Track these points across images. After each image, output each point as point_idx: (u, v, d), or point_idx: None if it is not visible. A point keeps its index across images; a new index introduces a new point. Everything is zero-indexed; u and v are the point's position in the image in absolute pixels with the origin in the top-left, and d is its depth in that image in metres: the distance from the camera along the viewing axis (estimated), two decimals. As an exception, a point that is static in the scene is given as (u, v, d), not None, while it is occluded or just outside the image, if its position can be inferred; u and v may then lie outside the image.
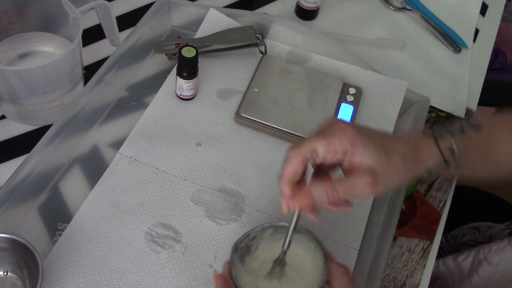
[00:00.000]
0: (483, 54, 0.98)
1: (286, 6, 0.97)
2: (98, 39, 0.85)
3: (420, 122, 0.77)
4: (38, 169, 0.64)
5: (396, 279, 0.69)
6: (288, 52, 0.84)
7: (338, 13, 0.98)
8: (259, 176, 0.70)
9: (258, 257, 0.57)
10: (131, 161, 0.70)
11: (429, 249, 0.72)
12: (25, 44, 0.78)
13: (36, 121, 0.75)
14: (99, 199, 0.66)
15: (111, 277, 0.60)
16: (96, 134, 0.73)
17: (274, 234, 0.58)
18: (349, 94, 0.79)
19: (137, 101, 0.77)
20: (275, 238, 0.58)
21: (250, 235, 0.57)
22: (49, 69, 0.67)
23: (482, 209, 1.06)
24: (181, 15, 0.86)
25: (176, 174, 0.69)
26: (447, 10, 1.02)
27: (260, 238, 0.58)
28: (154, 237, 0.64)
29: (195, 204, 0.67)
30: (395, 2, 1.01)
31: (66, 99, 0.73)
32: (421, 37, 0.97)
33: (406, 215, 0.74)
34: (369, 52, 0.92)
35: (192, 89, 0.75)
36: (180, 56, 0.71)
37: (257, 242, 0.58)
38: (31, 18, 0.76)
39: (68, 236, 0.63)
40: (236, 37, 0.80)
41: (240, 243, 0.56)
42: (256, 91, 0.76)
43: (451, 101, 0.88)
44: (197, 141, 0.73)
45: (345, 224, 0.68)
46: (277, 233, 0.58)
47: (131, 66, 0.79)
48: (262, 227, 0.58)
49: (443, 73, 0.92)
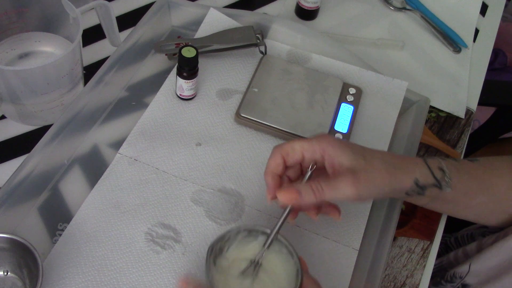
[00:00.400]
0: (483, 54, 0.98)
1: (286, 6, 0.97)
2: (98, 39, 0.85)
3: (420, 122, 0.77)
4: (38, 169, 0.64)
5: (396, 279, 0.69)
6: (288, 52, 0.84)
7: (338, 13, 0.98)
8: (259, 176, 0.70)
9: (228, 256, 0.59)
10: (131, 161, 0.70)
11: (429, 249, 0.72)
12: (25, 44, 0.78)
13: (36, 121, 0.75)
14: (99, 199, 0.66)
15: (111, 277, 0.60)
16: (96, 134, 0.73)
17: (247, 236, 0.59)
18: (349, 94, 0.79)
19: (137, 101, 0.77)
20: (248, 240, 0.59)
21: (225, 237, 0.58)
22: (49, 69, 0.67)
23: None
24: (181, 15, 0.86)
25: (176, 174, 0.69)
26: (447, 10, 1.02)
27: (233, 240, 0.59)
28: (154, 237, 0.64)
29: (195, 204, 0.67)
30: (395, 2, 1.01)
31: (66, 99, 0.73)
32: (421, 37, 0.97)
33: (406, 215, 0.74)
34: (369, 52, 0.92)
35: (192, 89, 0.75)
36: (180, 56, 0.71)
37: (229, 244, 0.59)
38: (31, 18, 0.76)
39: (68, 236, 0.63)
40: (236, 37, 0.80)
41: (215, 245, 0.57)
42: (256, 91, 0.76)
43: (451, 101, 0.88)
44: (197, 141, 0.73)
45: (345, 224, 0.68)
46: (250, 235, 0.59)
47: (131, 66, 0.79)
48: (238, 230, 0.59)
49: (443, 73, 0.92)
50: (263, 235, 0.59)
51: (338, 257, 0.66)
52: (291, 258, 0.58)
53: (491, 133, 1.33)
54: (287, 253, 0.58)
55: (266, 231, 0.59)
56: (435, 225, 0.74)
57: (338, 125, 0.75)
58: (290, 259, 0.58)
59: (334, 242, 0.66)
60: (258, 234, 0.59)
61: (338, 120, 0.76)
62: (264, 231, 0.59)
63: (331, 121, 0.75)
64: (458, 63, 0.94)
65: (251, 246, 0.59)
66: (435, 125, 0.85)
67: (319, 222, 0.68)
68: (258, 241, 0.59)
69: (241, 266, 0.58)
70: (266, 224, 0.67)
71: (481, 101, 0.91)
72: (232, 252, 0.59)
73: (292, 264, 0.58)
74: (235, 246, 0.59)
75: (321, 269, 0.64)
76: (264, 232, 0.59)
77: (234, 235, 0.59)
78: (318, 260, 0.65)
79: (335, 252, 0.66)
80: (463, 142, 0.84)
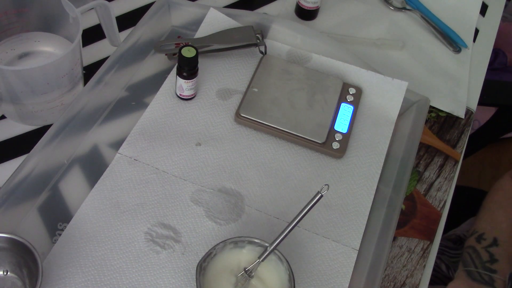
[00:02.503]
0: (483, 54, 0.98)
1: (286, 6, 0.97)
2: (98, 39, 0.85)
3: (420, 122, 0.77)
4: (38, 169, 0.64)
5: (396, 279, 0.69)
6: (288, 52, 0.84)
7: (338, 13, 0.98)
8: (259, 176, 0.70)
9: (215, 265, 0.60)
10: (131, 161, 0.70)
11: (429, 249, 0.72)
12: (25, 44, 0.78)
13: (36, 121, 0.75)
14: (99, 199, 0.66)
15: (111, 277, 0.60)
16: (96, 134, 0.73)
17: (233, 248, 0.61)
18: (349, 94, 0.79)
19: (137, 101, 0.77)
20: (235, 251, 0.60)
21: (212, 253, 0.59)
22: (49, 69, 0.67)
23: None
24: (181, 15, 0.86)
25: (176, 174, 0.69)
26: (447, 10, 1.02)
27: (220, 254, 0.60)
28: (154, 237, 0.64)
29: (195, 204, 0.67)
30: (395, 2, 1.01)
31: (66, 99, 0.73)
32: (421, 37, 0.97)
33: (406, 215, 0.74)
34: (369, 52, 0.92)
35: (192, 89, 0.75)
36: (180, 56, 0.71)
37: (217, 258, 0.60)
38: (31, 18, 0.76)
39: (68, 236, 0.63)
40: (236, 37, 0.80)
41: (203, 262, 0.58)
42: (256, 91, 0.76)
43: (451, 101, 0.88)
44: (197, 141, 0.73)
45: (345, 224, 0.68)
46: (236, 247, 0.61)
47: (131, 66, 0.79)
48: (224, 243, 0.60)
49: (443, 73, 0.92)
50: (250, 244, 0.60)
51: (338, 257, 0.66)
52: (281, 264, 0.59)
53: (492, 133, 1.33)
54: (276, 259, 0.60)
55: (252, 241, 0.60)
56: (435, 225, 0.74)
57: (338, 125, 0.75)
58: (280, 265, 0.59)
59: (334, 242, 0.66)
60: (245, 244, 0.60)
61: (338, 120, 0.76)
62: (250, 241, 0.60)
63: (331, 121, 0.75)
64: (458, 63, 0.94)
65: (240, 256, 0.60)
66: (435, 125, 0.85)
67: (319, 222, 0.68)
68: (246, 250, 0.61)
69: (230, 278, 0.59)
70: (265, 224, 0.67)
71: (482, 101, 0.91)
72: (220, 264, 0.60)
73: (283, 270, 0.59)
74: (223, 258, 0.60)
75: (321, 269, 0.64)
76: (251, 242, 0.60)
77: (220, 249, 0.60)
78: (318, 260, 0.65)
79: (335, 252, 0.66)
80: (463, 142, 0.84)
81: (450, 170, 0.80)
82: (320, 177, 0.72)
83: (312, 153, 0.74)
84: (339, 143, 0.73)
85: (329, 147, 0.73)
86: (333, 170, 0.73)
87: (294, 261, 0.63)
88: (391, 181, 0.72)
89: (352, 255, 0.66)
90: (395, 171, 0.72)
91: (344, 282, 0.64)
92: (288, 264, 0.58)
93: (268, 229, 0.66)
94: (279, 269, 0.60)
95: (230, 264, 0.60)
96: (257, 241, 0.59)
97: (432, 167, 0.80)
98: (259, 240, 0.59)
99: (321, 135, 0.73)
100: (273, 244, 0.58)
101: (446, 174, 0.79)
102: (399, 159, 0.74)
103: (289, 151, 0.74)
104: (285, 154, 0.73)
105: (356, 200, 0.70)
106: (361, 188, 0.71)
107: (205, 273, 0.58)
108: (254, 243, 0.60)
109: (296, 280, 0.58)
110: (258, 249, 0.60)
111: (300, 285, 0.62)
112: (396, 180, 0.71)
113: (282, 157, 0.73)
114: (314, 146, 0.73)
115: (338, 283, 0.64)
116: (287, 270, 0.58)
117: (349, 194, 0.71)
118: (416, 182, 0.78)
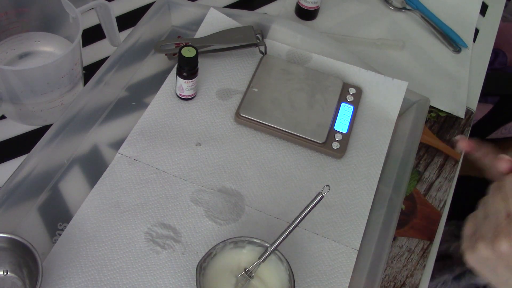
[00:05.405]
0: (483, 54, 0.98)
1: (286, 6, 0.97)
2: (98, 39, 0.85)
3: (420, 122, 0.77)
4: (38, 169, 0.64)
5: (396, 279, 0.69)
6: (288, 52, 0.84)
7: (338, 13, 0.98)
8: (259, 176, 0.70)
9: (215, 265, 0.59)
10: (131, 161, 0.70)
11: (429, 249, 0.72)
12: (25, 44, 0.78)
13: (36, 121, 0.75)
14: (99, 199, 0.66)
15: (111, 277, 0.60)
16: (96, 134, 0.73)
17: (233, 248, 0.60)
18: (349, 94, 0.79)
19: (137, 101, 0.77)
20: (235, 251, 0.60)
21: (212, 254, 0.59)
22: (49, 69, 0.67)
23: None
24: (181, 15, 0.86)
25: (176, 174, 0.69)
26: (447, 10, 1.02)
27: (220, 254, 0.60)
28: (154, 237, 0.64)
29: (195, 204, 0.67)
30: (395, 2, 1.01)
31: (66, 99, 0.73)
32: (421, 37, 0.97)
33: (406, 215, 0.74)
34: (369, 52, 0.92)
35: (192, 89, 0.75)
36: (180, 56, 0.71)
37: (217, 258, 0.60)
38: (31, 18, 0.76)
39: (68, 236, 0.63)
40: (236, 37, 0.80)
41: (203, 262, 0.58)
42: (256, 91, 0.76)
43: (451, 101, 0.88)
44: (197, 141, 0.73)
45: (345, 224, 0.68)
46: (236, 247, 0.61)
47: (131, 66, 0.79)
48: (224, 243, 0.60)
49: (443, 73, 0.92)
50: (250, 244, 0.60)
51: (338, 257, 0.66)
52: (281, 264, 0.59)
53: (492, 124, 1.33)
54: (276, 259, 0.60)
55: (252, 241, 0.60)
56: (435, 225, 0.74)
57: (338, 125, 0.75)
58: (280, 265, 0.59)
59: (334, 242, 0.66)
60: (245, 244, 0.60)
61: (338, 120, 0.76)
62: (250, 241, 0.60)
63: (331, 121, 0.75)
64: (458, 63, 0.94)
65: (240, 256, 0.60)
66: (435, 125, 0.85)
67: (319, 222, 0.68)
68: (246, 250, 0.61)
69: (230, 278, 0.59)
70: (265, 224, 0.67)
71: (484, 90, 0.90)
72: (220, 264, 0.60)
73: (283, 270, 0.59)
74: (223, 258, 0.60)
75: (321, 269, 0.64)
76: (251, 242, 0.60)
77: (220, 249, 0.60)
78: (318, 260, 0.65)
79: (335, 252, 0.66)
80: (463, 142, 0.84)
81: (450, 170, 0.80)
82: (320, 177, 0.72)
83: (312, 153, 0.74)
84: (339, 143, 0.73)
85: (329, 147, 0.73)
86: (333, 170, 0.73)
87: (294, 261, 0.63)
88: (391, 181, 0.72)
89: (352, 255, 0.66)
90: (395, 171, 0.73)
91: (344, 282, 0.64)
92: (288, 264, 0.58)
93: (268, 229, 0.66)
94: (279, 269, 0.60)
95: (230, 264, 0.60)
96: (257, 241, 0.59)
97: (432, 167, 0.80)
98: (259, 240, 0.59)
99: (321, 135, 0.73)
100: (273, 245, 0.58)
101: (446, 174, 0.79)
102: (399, 159, 0.74)
103: (289, 151, 0.74)
104: (285, 154, 0.73)
105: (356, 200, 0.70)
106: (361, 188, 0.71)
107: (205, 273, 0.58)
108: (254, 243, 0.60)
109: (296, 280, 0.58)
110: (258, 249, 0.60)
111: (300, 285, 0.62)
112: (396, 180, 0.71)
113: (282, 157, 0.73)
114: (314, 146, 0.73)
115: (338, 283, 0.64)
116: (287, 270, 0.58)
117: (349, 194, 0.71)
118: (416, 182, 0.78)
